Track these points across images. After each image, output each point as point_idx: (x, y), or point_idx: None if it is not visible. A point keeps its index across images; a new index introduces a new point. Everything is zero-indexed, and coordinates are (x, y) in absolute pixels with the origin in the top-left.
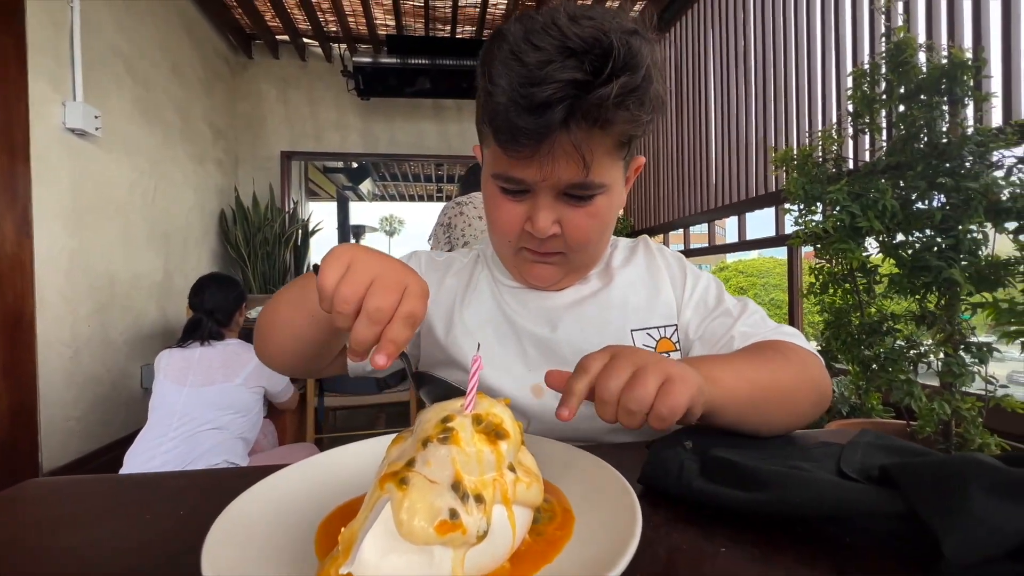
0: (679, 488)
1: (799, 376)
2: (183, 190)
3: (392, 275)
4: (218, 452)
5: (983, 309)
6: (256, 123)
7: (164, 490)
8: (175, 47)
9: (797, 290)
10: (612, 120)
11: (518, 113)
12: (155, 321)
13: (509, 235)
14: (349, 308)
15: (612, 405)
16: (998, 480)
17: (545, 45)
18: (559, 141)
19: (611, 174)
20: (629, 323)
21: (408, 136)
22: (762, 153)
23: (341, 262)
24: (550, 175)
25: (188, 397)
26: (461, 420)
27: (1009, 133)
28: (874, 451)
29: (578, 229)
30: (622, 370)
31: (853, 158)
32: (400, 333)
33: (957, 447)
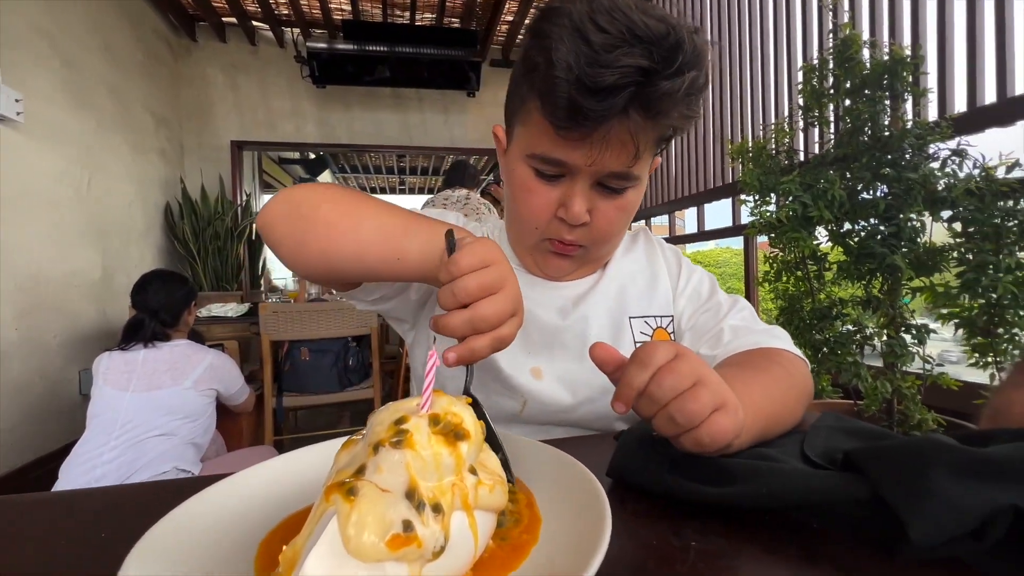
0: (649, 482)
1: (799, 392)
2: (122, 181)
3: (514, 295)
4: (167, 459)
5: (922, 293)
6: (203, 111)
7: (83, 510)
8: (108, 26)
9: (753, 278)
10: (668, 113)
11: (581, 93)
12: (94, 322)
13: (538, 221)
14: (463, 299)
15: (657, 406)
16: (958, 461)
17: (611, 28)
18: (615, 127)
19: (646, 168)
20: (628, 311)
21: (367, 126)
22: (719, 146)
23: (481, 255)
24: (598, 160)
25: (131, 403)
26: (416, 421)
27: (944, 127)
28: (836, 435)
29: (607, 221)
30: (685, 376)
31: (804, 150)
32: (484, 350)
33: (899, 423)
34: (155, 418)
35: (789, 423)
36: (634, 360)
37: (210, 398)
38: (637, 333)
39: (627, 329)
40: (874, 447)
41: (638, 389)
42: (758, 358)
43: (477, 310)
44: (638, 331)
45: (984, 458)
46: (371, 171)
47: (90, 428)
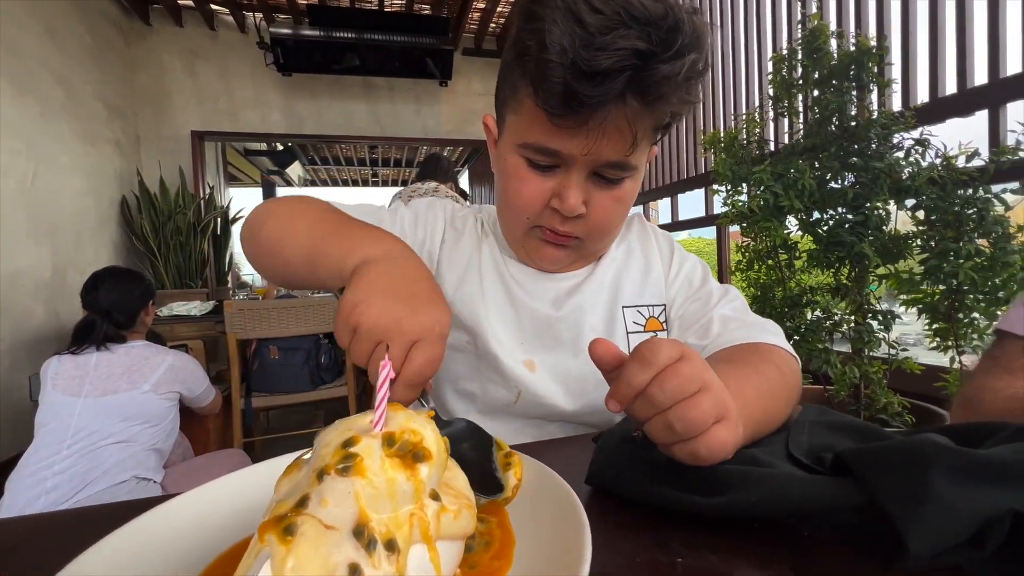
0: (631, 491)
1: (789, 392)
2: (71, 174)
3: (405, 327)
4: (125, 468)
5: (887, 280)
6: (159, 99)
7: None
8: (50, 8)
9: (726, 267)
10: (667, 98)
11: (576, 77)
12: (45, 324)
13: (529, 211)
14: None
15: (655, 410)
16: (957, 464)
17: (606, 9)
18: (612, 114)
19: (644, 157)
20: (621, 300)
21: (336, 116)
22: (692, 136)
23: (351, 321)
24: (594, 149)
25: (84, 409)
26: (368, 443)
27: (908, 117)
28: (819, 430)
29: (604, 212)
30: (689, 381)
31: (775, 140)
32: (404, 395)
33: (866, 407)
34: (111, 424)
35: (778, 423)
36: (635, 357)
37: (172, 401)
38: (630, 323)
39: (620, 319)
40: (868, 449)
41: (637, 389)
42: (752, 354)
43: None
44: (631, 321)
45: (983, 461)
46: (342, 163)
47: (39, 437)
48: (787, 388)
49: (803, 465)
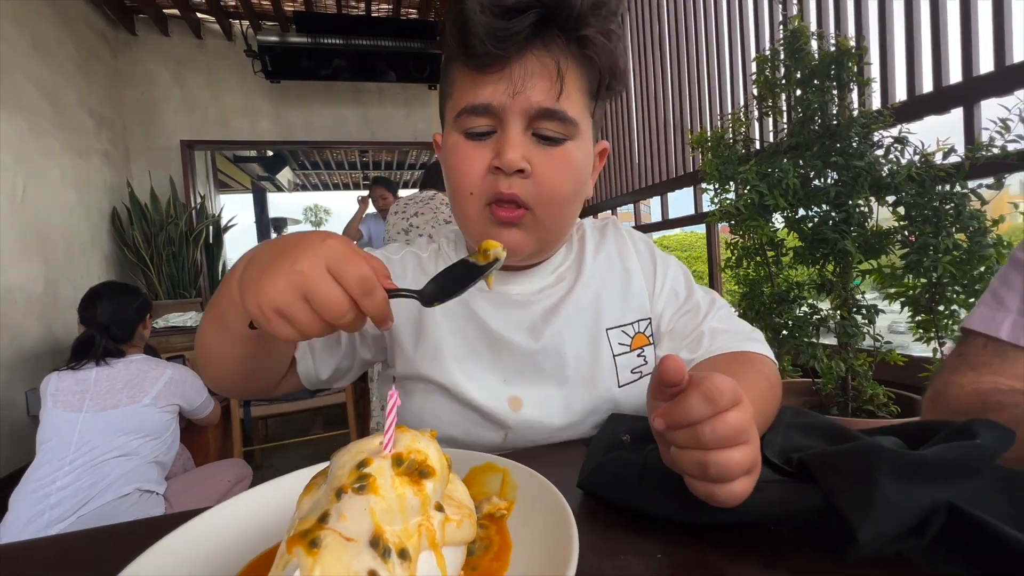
0: (618, 496)
1: (775, 399)
2: (61, 188)
3: (314, 275)
4: (128, 480)
5: (870, 275)
6: (148, 109)
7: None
8: (35, 20)
9: (716, 264)
10: (582, 25)
11: (490, 16)
12: (40, 339)
13: (473, 182)
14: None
15: (698, 447)
16: (898, 465)
17: None
18: (532, 52)
19: (583, 119)
20: (604, 322)
21: (326, 121)
22: (679, 136)
23: (272, 317)
24: (522, 91)
25: (85, 424)
26: (379, 464)
27: (887, 115)
28: (792, 432)
29: (549, 173)
30: (738, 432)
31: (760, 139)
32: (373, 307)
33: (853, 399)
34: (113, 439)
35: (767, 424)
36: (699, 390)
37: (172, 414)
38: (615, 345)
39: (604, 342)
40: (823, 453)
41: (692, 422)
42: (742, 366)
43: (332, 324)
44: (616, 343)
45: (920, 461)
46: (332, 167)
47: (41, 454)
48: (775, 398)
49: (774, 467)
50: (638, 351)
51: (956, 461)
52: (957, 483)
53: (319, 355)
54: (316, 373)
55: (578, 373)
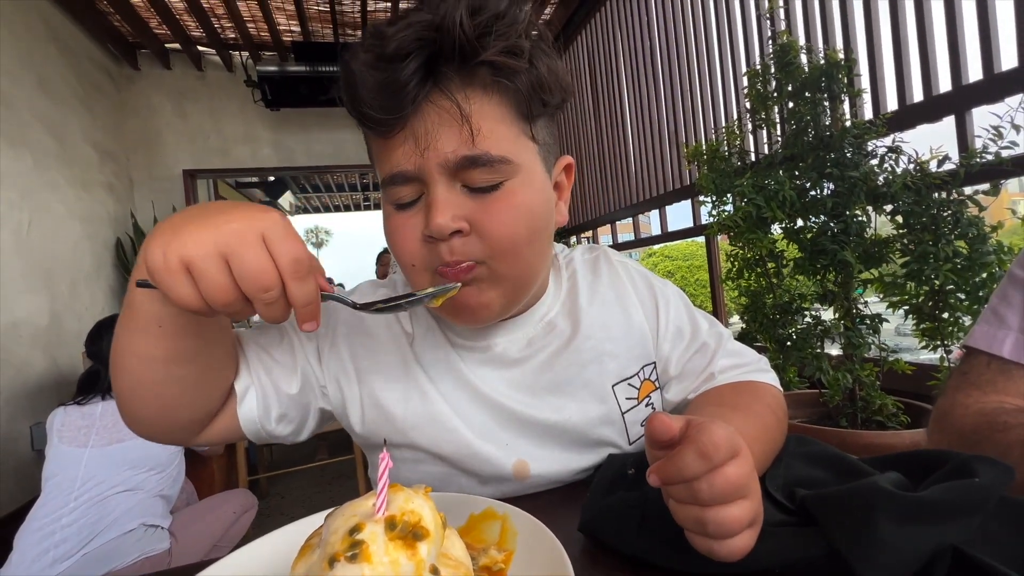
0: (619, 543)
1: (783, 431)
2: (66, 221)
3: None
4: (133, 516)
5: (872, 284)
6: (150, 141)
7: None
8: (40, 59)
9: (717, 275)
10: (476, 51)
11: (372, 73)
12: (45, 372)
13: (411, 255)
14: (229, 308)
15: (695, 502)
16: (899, 507)
17: (398, 23)
18: (429, 100)
19: (517, 151)
20: (608, 378)
21: (326, 146)
22: (675, 149)
23: (175, 268)
24: (430, 148)
25: (91, 459)
26: (371, 529)
27: (879, 125)
28: (796, 463)
29: (492, 220)
30: (737, 487)
31: (754, 151)
32: (301, 294)
33: (861, 410)
34: (118, 473)
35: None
36: (693, 446)
37: (178, 446)
38: (623, 401)
39: (612, 401)
40: (823, 495)
41: (686, 479)
42: (749, 398)
43: (252, 297)
44: (623, 398)
45: (920, 502)
46: (333, 189)
47: (46, 491)
48: (780, 429)
49: (778, 503)
50: (646, 400)
51: (956, 502)
52: (959, 523)
53: (265, 394)
54: (260, 419)
55: (585, 436)
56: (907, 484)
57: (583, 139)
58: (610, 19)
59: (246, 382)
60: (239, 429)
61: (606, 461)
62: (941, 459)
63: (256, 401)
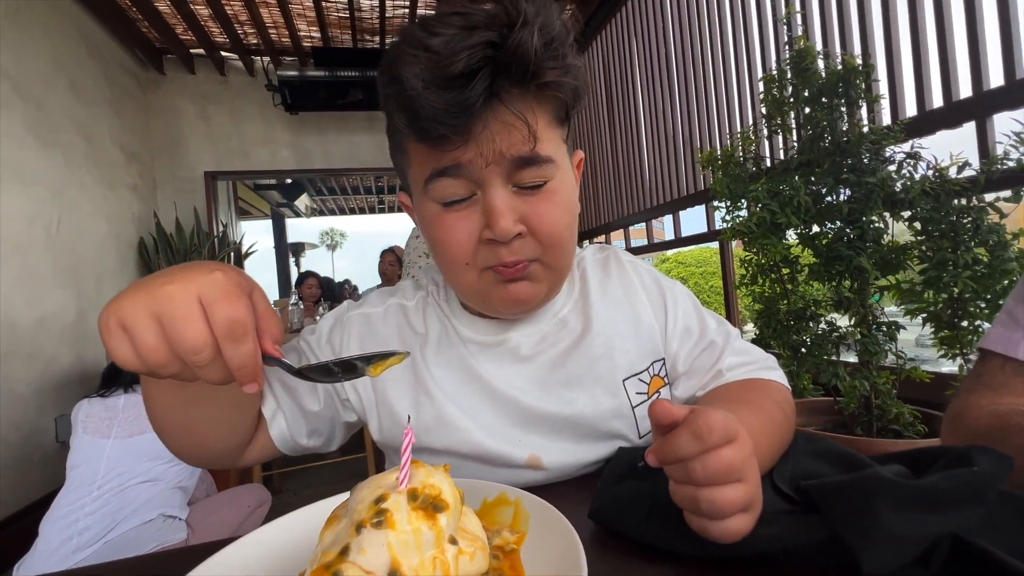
0: (628, 530)
1: (791, 428)
2: (93, 220)
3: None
4: (153, 506)
5: (889, 291)
6: (174, 142)
7: None
8: (73, 63)
9: (731, 281)
10: (541, 72)
11: (438, 91)
12: (70, 367)
13: (466, 254)
14: (166, 370)
15: (690, 482)
16: (899, 495)
17: (446, 30)
18: (495, 113)
19: (558, 151)
20: (619, 372)
21: (342, 149)
22: (689, 154)
23: (113, 328)
24: (492, 154)
25: (113, 450)
26: (395, 499)
27: (897, 131)
28: (804, 459)
29: (543, 218)
30: (731, 469)
31: (770, 156)
32: (236, 357)
33: (877, 418)
34: (139, 464)
35: (779, 457)
36: (689, 427)
37: None
38: (633, 396)
39: (622, 395)
40: (825, 483)
41: (681, 459)
42: (757, 394)
43: (182, 358)
44: (634, 392)
45: (921, 490)
46: (348, 192)
47: (70, 480)
48: (788, 425)
49: (785, 495)
50: (656, 396)
51: (955, 490)
52: (961, 512)
53: (291, 415)
54: (292, 436)
55: (596, 430)
56: (909, 475)
57: (598, 143)
58: (626, 24)
59: (272, 406)
60: (276, 448)
61: (616, 454)
62: (942, 452)
63: (285, 422)
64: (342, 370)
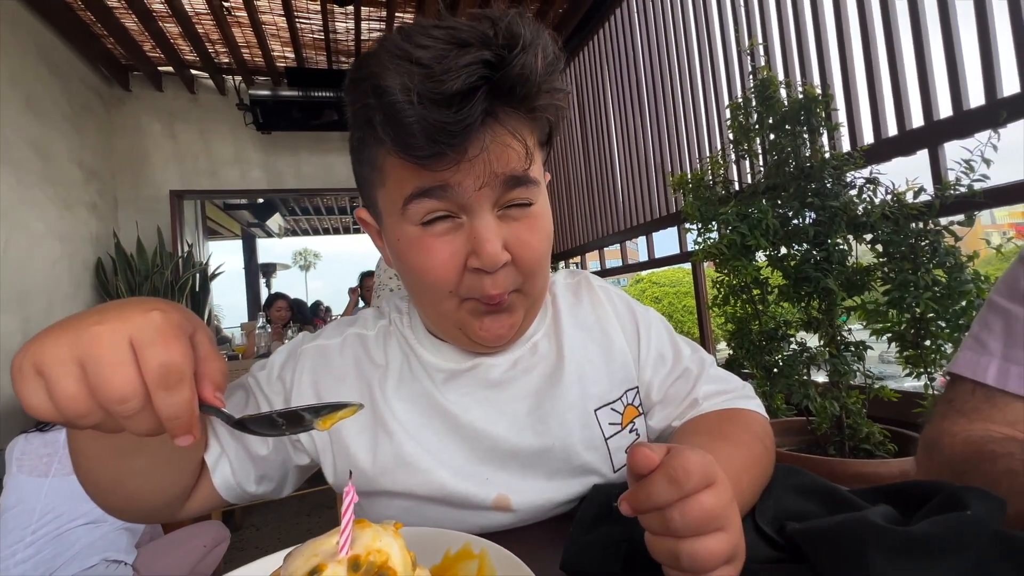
0: None
1: (769, 458)
2: (46, 240)
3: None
4: (95, 550)
5: (855, 312)
6: (138, 161)
7: None
8: (30, 79)
9: (704, 302)
10: (536, 96)
11: (432, 109)
12: (13, 398)
13: (449, 282)
14: (86, 420)
15: (668, 533)
16: (891, 543)
17: (433, 42)
18: (491, 132)
19: (540, 174)
20: (591, 403)
21: (316, 170)
22: (661, 177)
23: (28, 373)
24: (484, 175)
25: (52, 489)
26: (333, 570)
27: (857, 157)
28: (786, 495)
29: (527, 246)
30: (712, 517)
31: (738, 180)
32: (168, 406)
33: (849, 438)
34: (80, 504)
35: (760, 492)
36: (665, 472)
37: None
38: (606, 426)
39: (594, 426)
40: (814, 529)
41: (657, 507)
42: (735, 427)
43: (107, 409)
44: (607, 423)
45: (911, 537)
46: (323, 212)
47: (1, 524)
48: (767, 455)
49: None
50: (629, 426)
51: (947, 537)
52: (953, 558)
53: (237, 460)
54: (239, 484)
55: (568, 463)
56: (898, 517)
57: (572, 166)
58: (599, 51)
59: (216, 452)
60: (221, 497)
61: (590, 493)
62: (931, 490)
63: (231, 469)
64: (287, 422)
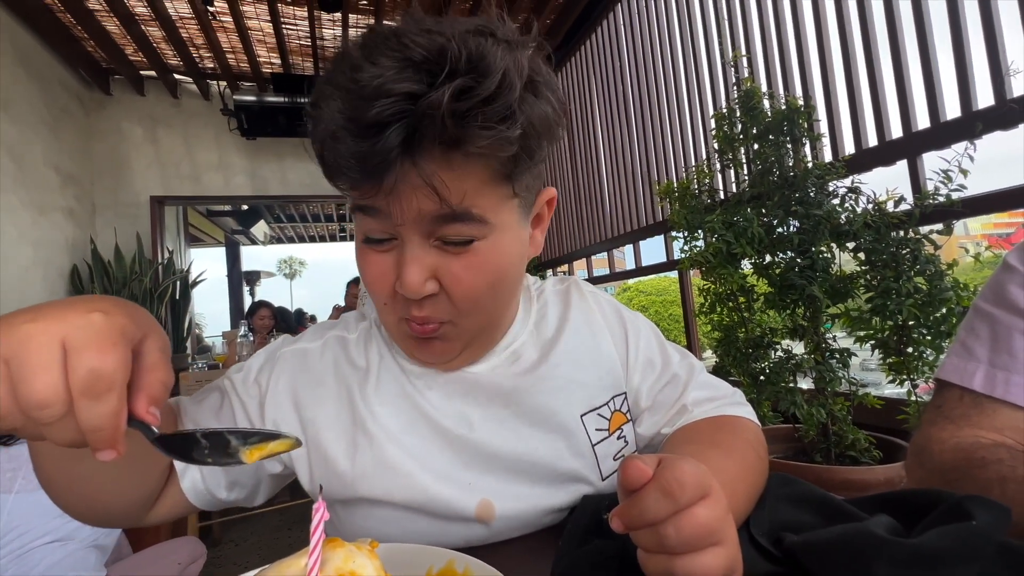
0: None
1: (763, 466)
2: (18, 246)
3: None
4: (61, 569)
5: (839, 319)
6: (118, 166)
7: None
8: (7, 82)
9: (690, 309)
10: (462, 138)
11: (351, 136)
12: None
13: (382, 295)
14: (5, 423)
15: (662, 550)
16: (894, 555)
17: (383, 59)
18: (405, 170)
19: (496, 211)
20: (576, 407)
21: (302, 176)
22: (648, 186)
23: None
24: (408, 208)
25: (15, 506)
26: None
27: (839, 167)
28: (781, 505)
29: (460, 281)
30: (708, 532)
31: (723, 189)
32: (90, 417)
33: (835, 444)
34: (46, 522)
35: (755, 501)
36: (658, 484)
37: None
38: (593, 432)
39: (581, 432)
40: (814, 542)
41: (650, 522)
42: (728, 435)
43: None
44: (593, 429)
45: (917, 550)
46: (309, 220)
47: None
48: (761, 464)
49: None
50: (617, 432)
51: (953, 548)
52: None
53: (208, 467)
54: (208, 489)
55: (554, 470)
56: (899, 528)
57: (559, 176)
58: (586, 63)
59: None
60: (189, 503)
61: (580, 504)
62: (931, 499)
63: (200, 474)
64: (211, 446)
